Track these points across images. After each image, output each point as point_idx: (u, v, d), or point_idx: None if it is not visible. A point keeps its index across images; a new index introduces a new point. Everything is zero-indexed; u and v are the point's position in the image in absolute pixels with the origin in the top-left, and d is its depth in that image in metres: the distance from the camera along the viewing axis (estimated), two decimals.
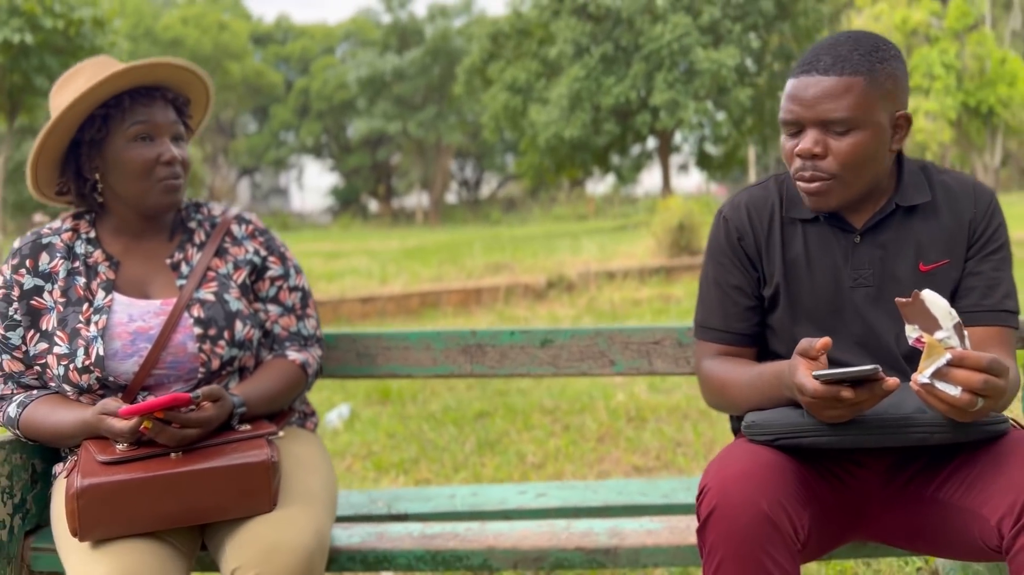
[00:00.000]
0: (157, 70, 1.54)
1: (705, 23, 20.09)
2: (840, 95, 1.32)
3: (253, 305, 1.66)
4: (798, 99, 1.35)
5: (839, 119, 1.32)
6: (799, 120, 1.36)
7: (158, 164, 1.55)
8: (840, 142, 1.34)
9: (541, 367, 1.86)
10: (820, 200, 1.39)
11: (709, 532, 1.22)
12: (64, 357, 1.51)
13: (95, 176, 1.58)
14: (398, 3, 37.95)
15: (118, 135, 1.54)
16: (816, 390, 1.18)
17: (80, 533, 1.33)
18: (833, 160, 1.35)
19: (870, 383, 1.18)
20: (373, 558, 1.58)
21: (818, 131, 1.35)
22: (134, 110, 1.54)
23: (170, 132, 1.58)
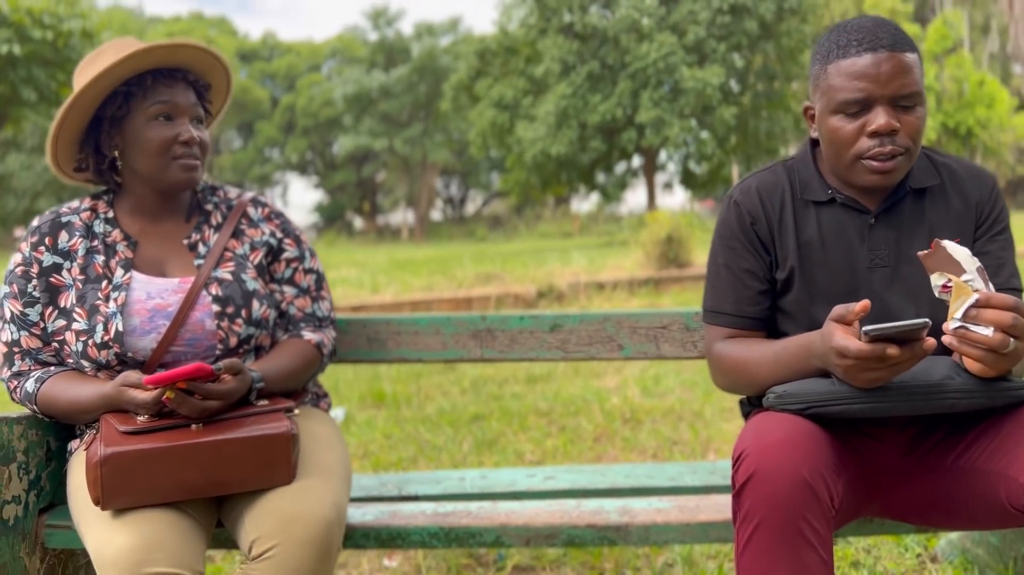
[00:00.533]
0: (179, 52, 1.57)
1: (690, 42, 20.33)
2: (910, 70, 1.36)
3: (269, 286, 1.69)
4: (869, 76, 1.35)
5: (912, 93, 1.36)
6: (870, 97, 1.36)
7: (176, 143, 1.58)
8: (909, 116, 1.37)
9: (550, 351, 1.88)
10: (891, 177, 1.39)
11: (746, 497, 1.22)
12: (83, 333, 1.52)
13: (114, 153, 1.60)
14: (385, 21, 38.19)
15: (139, 113, 1.56)
16: (861, 350, 1.20)
17: (103, 501, 1.33)
18: (904, 135, 1.37)
19: (911, 343, 1.20)
20: (387, 535, 1.60)
21: (889, 107, 1.36)
22: (156, 89, 1.57)
23: (190, 113, 1.60)
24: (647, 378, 4.67)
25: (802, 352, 1.36)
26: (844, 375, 1.26)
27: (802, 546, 1.20)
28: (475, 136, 23.45)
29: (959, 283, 1.22)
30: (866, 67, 1.35)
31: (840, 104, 1.38)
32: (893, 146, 1.37)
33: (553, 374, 4.97)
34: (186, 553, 1.33)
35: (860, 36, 1.37)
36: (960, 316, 1.21)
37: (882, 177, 1.39)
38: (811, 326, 1.45)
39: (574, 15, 21.42)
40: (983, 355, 1.21)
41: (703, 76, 19.69)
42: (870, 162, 1.38)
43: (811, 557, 1.20)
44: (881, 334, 1.18)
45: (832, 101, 1.40)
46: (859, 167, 1.40)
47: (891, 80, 1.35)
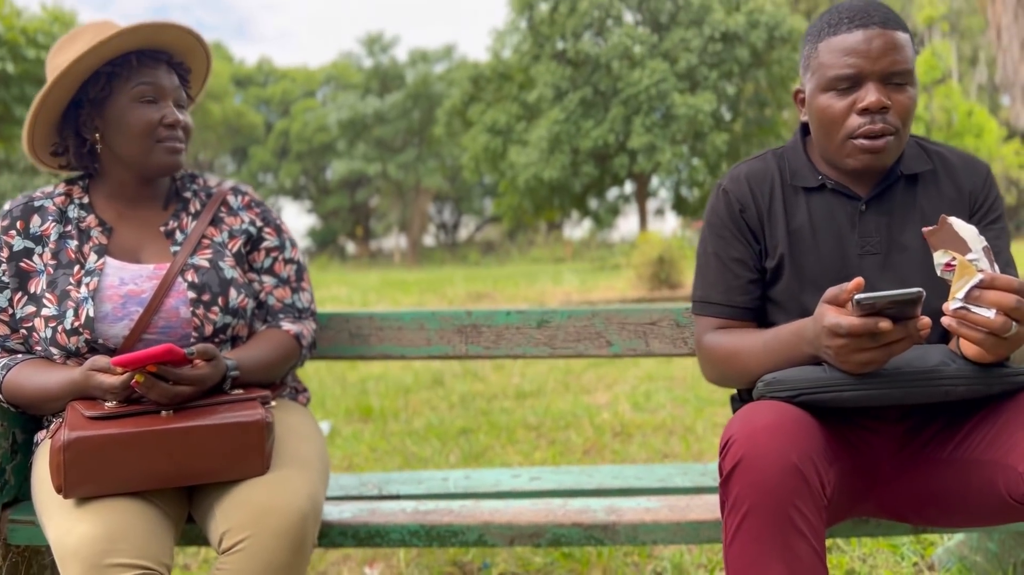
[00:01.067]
0: (164, 32, 1.53)
1: (682, 69, 20.50)
2: (902, 48, 1.33)
3: (247, 275, 1.64)
4: (860, 52, 1.32)
5: (903, 71, 1.33)
6: (860, 73, 1.33)
7: (161, 126, 1.53)
8: (900, 95, 1.35)
9: (537, 348, 1.83)
10: (882, 157, 1.36)
11: (734, 484, 1.17)
12: (52, 319, 1.47)
13: (94, 136, 1.55)
14: (380, 47, 38.42)
15: (122, 94, 1.52)
16: (853, 324, 1.14)
17: (64, 489, 1.27)
18: (895, 114, 1.34)
19: (905, 320, 1.15)
20: (365, 533, 1.54)
21: (880, 84, 1.34)
22: (140, 71, 1.53)
23: (173, 96, 1.57)
24: (638, 394, 4.62)
25: (793, 339, 1.31)
26: (836, 358, 1.21)
27: (792, 535, 1.14)
28: (468, 160, 23.53)
29: (963, 262, 1.17)
30: (857, 43, 1.33)
31: (831, 81, 1.36)
32: (884, 124, 1.34)
33: (543, 389, 4.90)
34: (152, 544, 1.26)
35: (851, 14, 1.35)
36: (962, 296, 1.16)
37: (872, 157, 1.36)
38: (801, 315, 1.40)
39: (567, 42, 21.60)
40: (983, 338, 1.16)
41: (695, 103, 19.84)
42: (860, 141, 1.35)
43: (802, 546, 1.14)
44: (874, 304, 1.12)
45: (823, 78, 1.37)
46: (849, 147, 1.37)
47: (882, 56, 1.32)
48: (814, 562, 1.15)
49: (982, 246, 1.20)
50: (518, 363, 5.95)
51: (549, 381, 5.19)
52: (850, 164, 1.39)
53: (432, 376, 5.49)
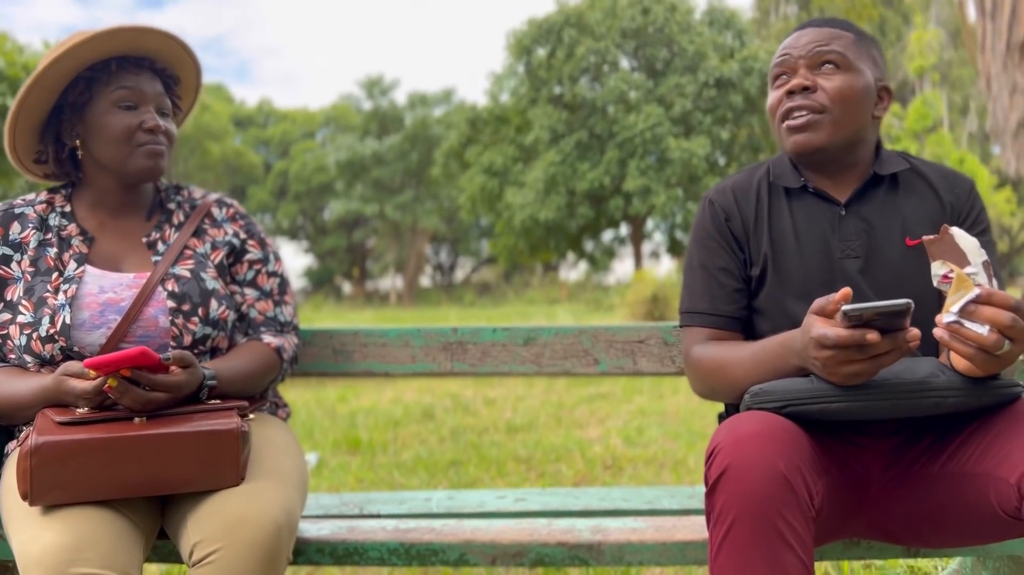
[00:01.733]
0: (146, 37, 1.53)
1: (677, 114, 20.75)
2: (831, 39, 1.41)
3: (229, 287, 1.62)
4: (791, 46, 1.44)
5: (830, 57, 1.40)
6: (789, 62, 1.42)
7: (140, 130, 1.52)
8: (830, 79, 1.40)
9: (524, 366, 1.81)
10: (808, 137, 1.40)
11: (720, 494, 1.14)
12: (28, 326, 1.44)
13: (75, 142, 1.54)
14: (379, 91, 38.85)
15: (102, 99, 1.51)
16: (840, 336, 1.12)
17: (31, 496, 1.23)
18: (823, 93, 1.40)
19: (894, 332, 1.13)
20: (343, 550, 1.49)
21: (808, 71, 1.41)
22: (120, 76, 1.52)
23: (155, 103, 1.55)
24: (630, 428, 4.57)
25: (781, 350, 1.29)
26: (824, 370, 1.18)
27: (779, 546, 1.11)
28: (465, 201, 23.66)
29: (961, 275, 1.14)
30: (790, 40, 1.45)
31: (772, 76, 1.46)
32: (803, 101, 1.40)
33: (535, 423, 4.85)
34: (120, 555, 1.22)
35: (799, 25, 1.47)
36: (957, 310, 1.13)
37: (801, 136, 1.41)
38: (785, 322, 1.39)
39: (564, 86, 21.88)
40: (974, 354, 1.14)
41: (689, 147, 20.04)
42: (787, 122, 1.42)
43: (789, 558, 1.11)
44: (861, 315, 1.10)
45: (771, 78, 1.47)
46: (783, 131, 1.44)
47: (808, 45, 1.42)
48: (801, 574, 1.11)
49: (982, 260, 1.18)
50: (510, 398, 5.90)
51: (541, 415, 5.14)
52: (788, 148, 1.44)
53: (422, 410, 5.43)
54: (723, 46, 21.91)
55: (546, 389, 6.37)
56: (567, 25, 21.80)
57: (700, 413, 5.04)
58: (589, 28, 21.71)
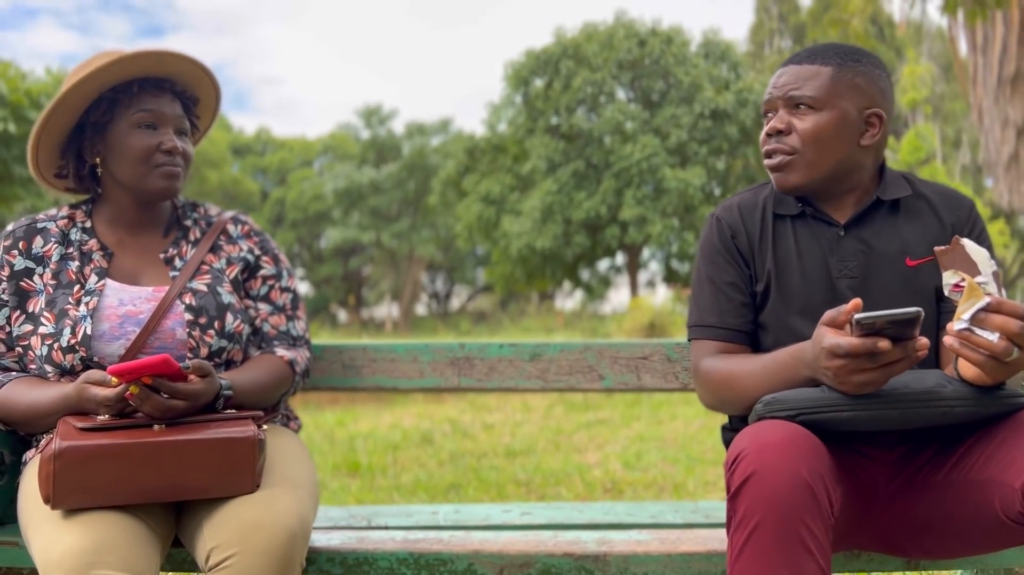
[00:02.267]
0: (167, 61, 1.58)
1: (672, 145, 20.94)
2: (806, 79, 1.45)
3: (244, 302, 1.65)
4: (772, 85, 1.50)
5: (802, 98, 1.44)
6: (771, 101, 1.49)
7: (158, 151, 1.56)
8: (803, 121, 1.45)
9: (530, 381, 1.84)
10: (783, 177, 1.47)
11: (743, 499, 1.16)
12: (49, 336, 1.48)
13: (95, 160, 1.59)
14: (377, 120, 39.15)
15: (123, 120, 1.56)
16: (852, 344, 1.16)
17: (53, 499, 1.26)
18: (796, 136, 1.45)
19: (903, 341, 1.17)
20: (353, 560, 1.52)
21: (785, 111, 1.47)
22: (141, 98, 1.57)
23: (174, 124, 1.60)
24: (629, 453, 4.58)
25: (791, 361, 1.32)
26: (836, 379, 1.21)
27: (800, 553, 1.13)
28: (462, 229, 23.76)
29: (972, 284, 1.18)
30: (774, 77, 1.51)
31: (762, 114, 1.53)
32: (776, 145, 1.47)
33: (533, 448, 4.87)
34: (139, 559, 1.25)
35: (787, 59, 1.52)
36: (968, 318, 1.17)
37: (776, 176, 1.49)
38: (788, 337, 1.43)
39: (561, 117, 22.08)
40: (984, 361, 1.17)
41: (685, 177, 20.20)
42: (765, 161, 1.49)
43: (809, 565, 1.13)
44: (873, 324, 1.14)
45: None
46: (767, 168, 1.50)
47: (784, 85, 1.47)
48: None
49: (992, 270, 1.22)
50: (508, 423, 5.91)
51: (539, 440, 5.15)
52: (775, 185, 1.50)
53: (421, 434, 5.44)
54: (718, 78, 22.17)
55: (544, 415, 6.38)
56: (564, 57, 22.07)
57: (699, 439, 5.06)
58: (586, 60, 21.97)
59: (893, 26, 29.14)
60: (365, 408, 6.92)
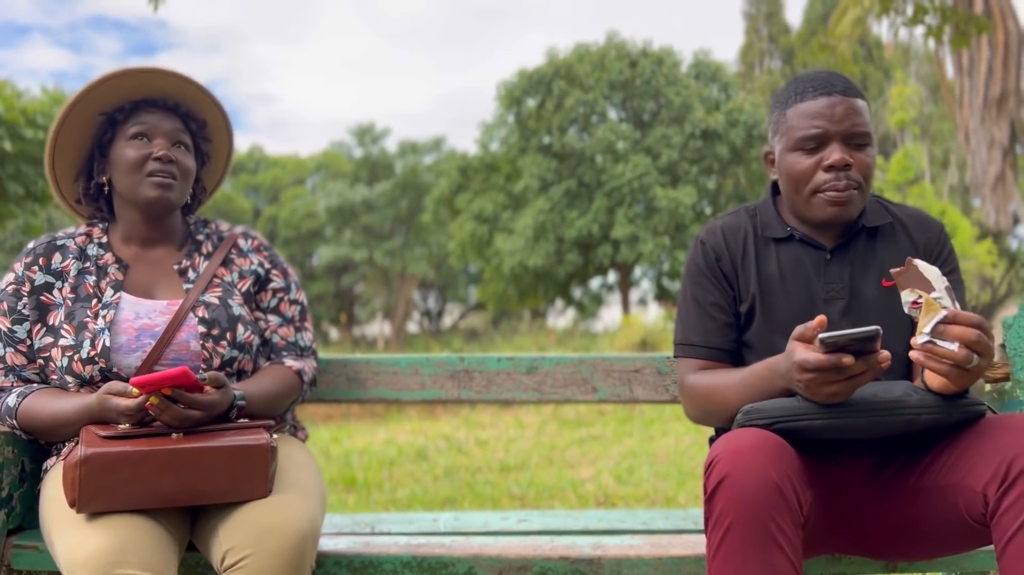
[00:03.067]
0: (156, 78, 1.64)
1: (664, 164, 21.12)
2: (861, 112, 1.50)
3: (254, 314, 1.73)
4: (825, 115, 1.48)
5: (863, 132, 1.49)
6: (826, 134, 1.48)
7: (150, 160, 1.62)
8: (861, 154, 1.50)
9: (527, 393, 1.92)
10: (846, 210, 1.50)
11: (718, 501, 1.25)
12: (69, 348, 1.55)
13: (103, 179, 1.67)
14: (370, 138, 39.32)
15: (121, 136, 1.64)
16: (819, 360, 1.25)
17: (79, 503, 1.34)
18: (856, 171, 1.49)
19: (866, 355, 1.26)
20: (359, 563, 1.59)
21: (842, 144, 1.49)
22: (137, 114, 1.65)
23: (169, 137, 1.65)
24: (621, 468, 4.66)
25: (768, 374, 1.41)
26: (807, 391, 1.31)
27: (772, 548, 1.22)
28: (455, 247, 23.86)
29: (929, 300, 1.28)
30: (821, 108, 1.49)
31: (798, 141, 1.51)
32: (847, 179, 1.48)
33: (527, 463, 4.93)
34: (159, 559, 1.32)
35: (816, 83, 1.52)
36: (928, 331, 1.27)
37: (838, 209, 1.50)
38: (772, 356, 1.51)
39: (553, 136, 22.27)
40: (948, 370, 1.26)
41: (676, 196, 20.36)
42: (827, 193, 1.49)
43: (780, 559, 1.22)
44: (836, 342, 1.24)
45: (791, 140, 1.52)
46: (816, 201, 1.51)
47: (844, 119, 1.48)
48: (790, 574, 1.23)
49: (944, 286, 1.31)
50: (502, 439, 5.98)
51: (533, 456, 5.22)
52: (818, 216, 1.53)
53: (416, 450, 5.50)
54: (709, 99, 22.42)
55: (538, 431, 6.45)
56: (556, 77, 22.29)
57: (689, 454, 5.13)
58: (578, 80, 22.20)
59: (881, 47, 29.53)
60: (359, 425, 6.97)
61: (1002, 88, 17.21)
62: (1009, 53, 16.57)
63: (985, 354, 1.26)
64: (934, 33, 5.05)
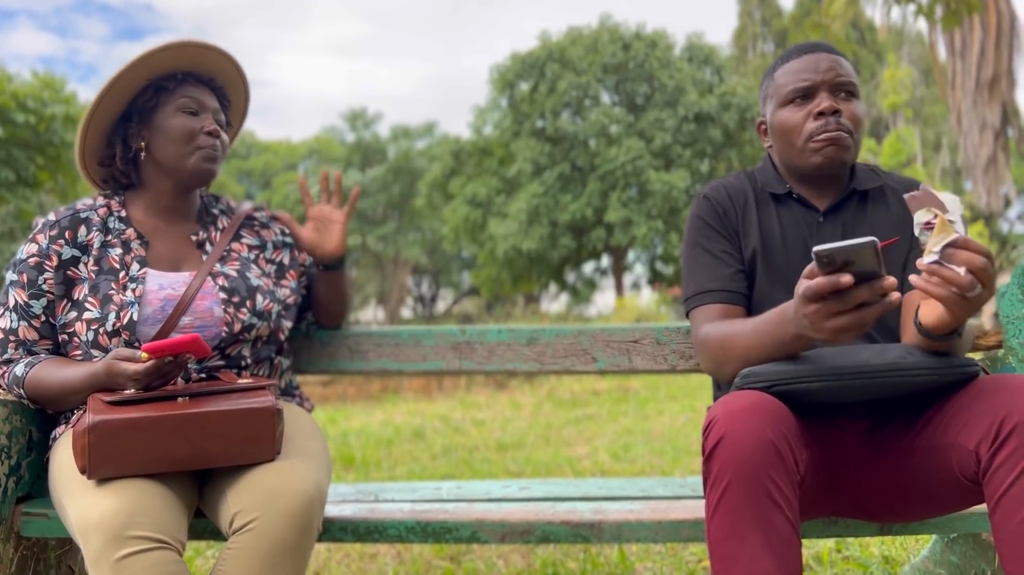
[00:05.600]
0: (207, 54, 1.69)
1: (657, 148, 21.14)
2: (846, 66, 1.58)
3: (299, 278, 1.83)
4: (811, 69, 1.57)
5: (849, 82, 1.56)
6: (813, 85, 1.56)
7: (201, 133, 1.67)
8: (849, 104, 1.56)
9: (527, 363, 1.95)
10: (839, 152, 1.55)
11: (716, 460, 1.27)
12: (95, 321, 1.56)
13: (140, 144, 1.68)
14: (363, 123, 39.18)
15: (168, 105, 1.66)
16: (819, 283, 1.21)
17: (88, 469, 1.35)
18: (846, 118, 1.55)
19: (868, 281, 1.21)
20: (364, 528, 1.61)
21: (830, 93, 1.56)
22: (185, 86, 1.68)
23: (214, 114, 1.71)
24: (617, 446, 4.70)
25: (779, 319, 1.39)
26: (813, 327, 1.26)
27: (769, 506, 1.25)
28: (449, 231, 23.87)
29: (943, 219, 1.25)
30: (807, 63, 1.58)
31: (788, 94, 1.58)
32: (837, 125, 1.54)
33: (524, 442, 4.97)
34: (169, 522, 1.34)
35: (801, 47, 1.61)
36: (938, 251, 1.24)
37: (832, 149, 1.54)
38: None
39: (546, 120, 22.25)
40: (948, 296, 1.24)
41: (669, 180, 20.40)
42: (819, 140, 1.55)
43: (778, 517, 1.25)
44: (831, 255, 1.19)
45: (781, 96, 1.59)
46: (809, 148, 1.56)
47: (829, 70, 1.56)
48: (788, 532, 1.25)
49: (960, 213, 1.28)
50: (498, 419, 6.01)
51: (529, 435, 5.26)
52: (813, 162, 1.57)
53: (413, 430, 5.53)
54: (702, 82, 22.42)
55: (533, 411, 6.49)
56: (550, 60, 22.24)
57: (684, 432, 5.18)
58: (571, 63, 22.15)
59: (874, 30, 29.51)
60: (356, 407, 7.00)
61: (994, 70, 17.23)
62: (1001, 35, 16.58)
63: (988, 286, 1.24)
64: (925, 12, 5.06)
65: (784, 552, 1.24)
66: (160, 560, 1.27)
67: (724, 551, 1.26)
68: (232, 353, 1.63)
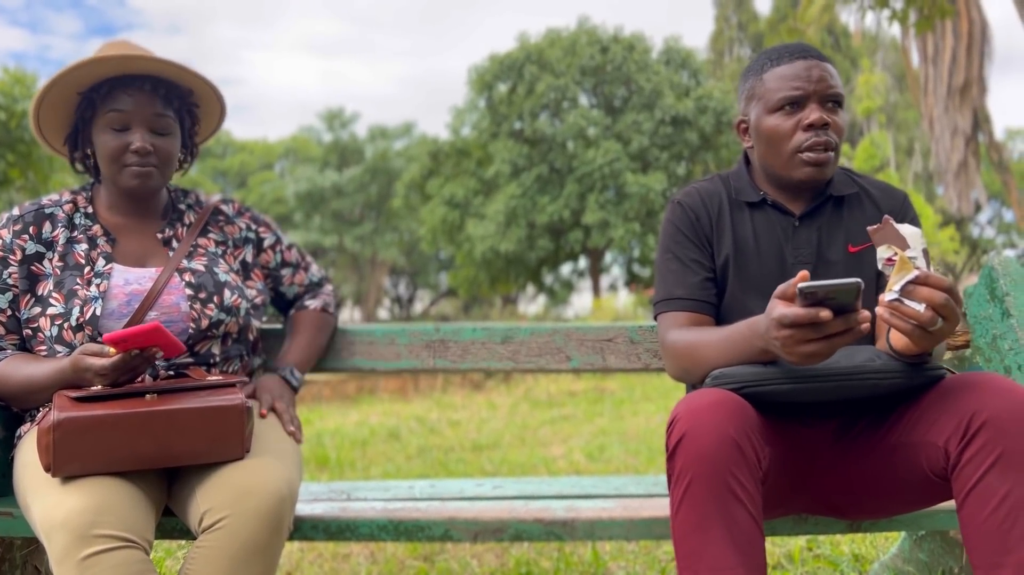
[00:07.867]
0: (132, 63, 1.58)
1: (634, 150, 21.23)
2: (835, 77, 1.57)
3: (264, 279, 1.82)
4: (803, 78, 1.54)
5: (838, 94, 1.55)
6: (804, 95, 1.54)
7: (127, 152, 1.59)
8: (835, 116, 1.56)
9: (501, 362, 1.94)
10: (823, 171, 1.55)
11: (678, 458, 1.28)
12: (59, 316, 1.54)
13: (88, 150, 1.66)
14: (340, 123, 38.97)
15: (99, 118, 1.61)
16: (797, 314, 1.23)
17: (53, 467, 1.33)
18: (833, 131, 1.55)
19: (845, 313, 1.24)
20: (336, 527, 1.60)
21: (819, 105, 1.54)
22: (113, 97, 1.60)
23: (148, 123, 1.60)
24: (592, 447, 4.71)
25: (747, 332, 1.41)
26: (784, 349, 1.29)
27: (731, 502, 1.25)
28: (426, 232, 23.81)
29: (903, 257, 1.28)
30: (799, 70, 1.55)
31: (778, 102, 1.55)
32: (827, 138, 1.53)
33: (499, 443, 4.97)
34: (136, 521, 1.32)
35: (791, 50, 1.58)
36: (898, 289, 1.26)
37: (816, 170, 1.54)
38: (746, 318, 1.54)
39: (524, 121, 22.26)
40: (911, 330, 1.27)
41: (646, 182, 20.49)
42: (807, 154, 1.54)
43: (740, 512, 1.26)
44: (815, 292, 1.22)
45: (770, 102, 1.56)
46: (796, 161, 1.55)
47: (820, 81, 1.54)
48: (751, 526, 1.26)
49: (922, 248, 1.31)
50: (474, 420, 6.01)
51: (505, 435, 5.26)
52: (796, 176, 1.56)
53: (388, 431, 5.51)
54: (679, 85, 22.54)
55: (509, 412, 6.49)
56: (528, 62, 22.26)
57: (659, 433, 5.20)
58: (549, 65, 22.19)
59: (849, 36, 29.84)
60: (331, 407, 6.96)
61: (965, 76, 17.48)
62: (973, 42, 16.82)
63: (950, 319, 1.26)
64: (899, 17, 5.13)
65: (747, 546, 1.25)
66: (126, 559, 1.26)
67: (688, 547, 1.27)
68: (201, 350, 1.61)
